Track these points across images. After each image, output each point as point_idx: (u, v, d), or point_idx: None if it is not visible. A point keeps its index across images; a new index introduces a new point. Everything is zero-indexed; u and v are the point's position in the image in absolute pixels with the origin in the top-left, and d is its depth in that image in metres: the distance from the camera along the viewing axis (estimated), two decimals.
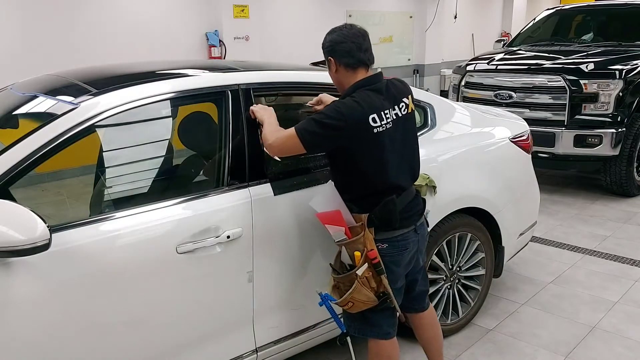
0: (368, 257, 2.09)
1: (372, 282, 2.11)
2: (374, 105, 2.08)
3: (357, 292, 2.09)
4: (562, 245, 4.44)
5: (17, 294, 1.78)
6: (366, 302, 2.13)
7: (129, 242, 1.99)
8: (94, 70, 2.66)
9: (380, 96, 2.12)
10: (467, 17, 12.49)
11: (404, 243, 2.20)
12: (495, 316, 3.35)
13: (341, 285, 2.17)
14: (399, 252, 2.19)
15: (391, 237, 2.17)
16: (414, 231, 2.25)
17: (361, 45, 2.15)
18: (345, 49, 2.14)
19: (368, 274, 2.10)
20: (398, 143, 2.15)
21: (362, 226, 2.10)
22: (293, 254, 2.40)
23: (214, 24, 7.42)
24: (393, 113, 2.13)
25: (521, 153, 3.32)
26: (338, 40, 2.16)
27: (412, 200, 2.25)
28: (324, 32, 2.30)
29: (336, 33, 2.19)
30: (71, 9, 6.10)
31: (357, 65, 2.15)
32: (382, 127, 2.08)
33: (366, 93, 2.10)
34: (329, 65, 2.22)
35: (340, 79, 2.20)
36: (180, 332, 2.15)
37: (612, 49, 5.93)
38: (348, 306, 2.14)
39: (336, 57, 2.16)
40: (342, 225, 2.11)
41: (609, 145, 5.26)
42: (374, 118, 2.06)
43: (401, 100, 2.19)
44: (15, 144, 1.90)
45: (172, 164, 2.84)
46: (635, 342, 3.07)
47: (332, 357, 2.94)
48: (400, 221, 2.17)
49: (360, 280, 2.08)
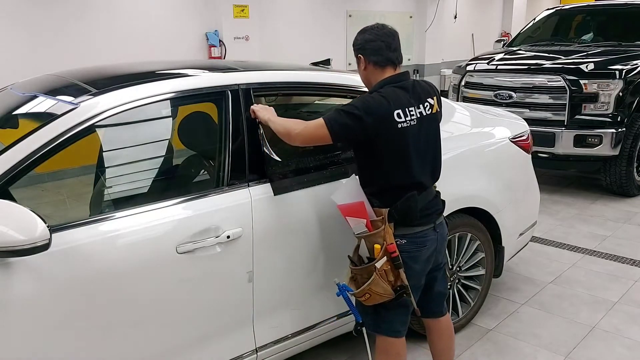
0: (387, 251, 2.13)
1: (390, 275, 2.14)
2: (399, 101, 2.13)
3: (374, 284, 2.12)
4: (562, 245, 4.44)
5: (17, 294, 1.78)
6: (382, 295, 2.15)
7: (129, 242, 2.00)
8: (94, 70, 2.66)
9: (406, 94, 2.18)
10: (467, 17, 12.49)
11: (423, 240, 2.23)
12: (495, 316, 3.35)
13: (358, 278, 2.20)
14: (417, 248, 2.22)
15: (410, 233, 2.21)
16: (433, 229, 2.28)
17: (390, 44, 2.22)
18: (375, 48, 2.20)
19: (387, 267, 2.13)
20: (421, 142, 2.20)
21: (382, 220, 2.15)
22: (293, 253, 2.40)
23: (214, 24, 7.42)
24: (417, 111, 2.18)
25: (521, 153, 3.32)
26: (369, 39, 2.23)
27: (432, 200, 2.29)
28: (324, 32, 2.32)
29: (367, 32, 2.26)
30: (71, 9, 6.10)
31: (386, 64, 2.21)
32: (406, 124, 2.13)
33: (392, 89, 2.16)
34: (358, 62, 2.28)
35: (368, 77, 2.27)
36: (180, 332, 2.16)
37: (612, 49, 5.93)
38: (365, 298, 2.17)
39: (366, 55, 2.23)
40: (364, 217, 2.16)
41: (609, 145, 5.26)
42: (398, 113, 2.11)
43: (426, 99, 2.24)
44: (15, 144, 1.90)
45: (172, 164, 2.84)
46: (635, 342, 3.07)
47: (332, 357, 2.94)
48: (420, 218, 2.22)
49: (379, 272, 2.11)
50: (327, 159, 2.55)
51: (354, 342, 3.00)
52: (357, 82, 2.78)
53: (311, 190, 2.43)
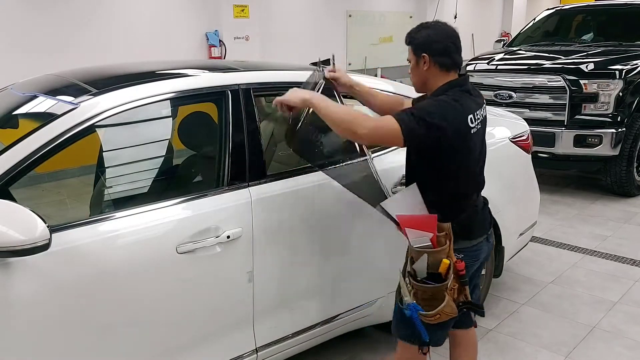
0: (456, 268, 1.99)
1: (455, 292, 2.02)
2: (470, 106, 2.01)
3: (447, 305, 1.97)
4: (562, 245, 4.44)
5: (17, 294, 1.78)
6: (449, 314, 2.00)
7: (129, 242, 1.99)
8: (94, 70, 2.65)
9: (473, 97, 2.06)
10: (467, 17, 12.49)
11: (477, 253, 2.15)
12: (495, 316, 3.35)
13: (419, 294, 2.01)
14: (471, 262, 2.12)
15: (469, 247, 2.11)
16: (486, 240, 2.20)
17: (458, 47, 2.06)
18: (443, 48, 2.02)
19: (454, 286, 2.01)
20: (481, 147, 2.12)
21: (446, 236, 1.99)
22: (293, 254, 2.40)
23: (214, 24, 7.42)
24: (481, 114, 2.08)
25: (521, 153, 3.32)
26: (436, 38, 2.03)
27: (484, 208, 2.21)
28: (324, 32, 2.29)
29: (432, 29, 2.05)
30: (70, 8, 6.10)
31: (452, 67, 2.05)
32: (475, 129, 2.01)
33: (460, 93, 2.02)
34: (417, 60, 2.06)
35: (427, 78, 2.07)
36: (180, 332, 2.15)
37: (612, 49, 5.93)
38: (435, 318, 1.99)
39: (431, 54, 2.03)
40: (432, 231, 1.97)
41: (609, 145, 5.26)
42: (471, 119, 1.99)
43: (484, 103, 2.14)
44: (15, 144, 1.90)
45: (172, 164, 2.84)
46: (636, 342, 3.07)
47: (332, 357, 2.94)
48: (479, 230, 2.14)
49: (449, 292, 1.98)
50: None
51: (354, 343, 3.00)
52: None
53: (311, 190, 2.42)
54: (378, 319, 2.82)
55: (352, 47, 9.61)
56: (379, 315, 2.78)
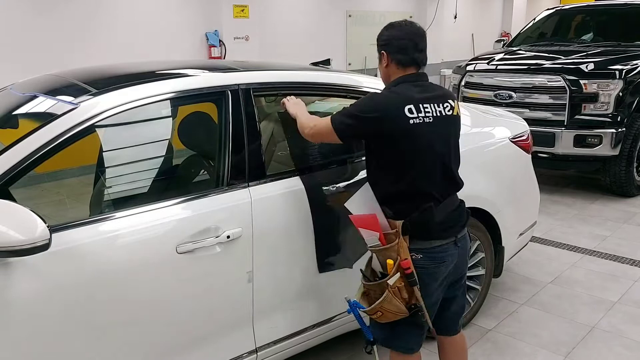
0: (401, 267, 1.97)
1: (403, 292, 1.99)
2: (411, 96, 2.03)
3: (387, 302, 1.97)
4: (562, 245, 4.44)
5: (17, 294, 1.78)
6: (396, 313, 2.01)
7: (129, 242, 2.00)
8: (94, 70, 2.66)
9: (422, 90, 2.07)
10: (467, 17, 12.49)
11: (442, 255, 2.07)
12: (495, 316, 3.35)
13: (371, 293, 2.06)
14: (435, 264, 2.06)
15: (428, 248, 2.05)
16: (454, 244, 2.11)
17: (418, 44, 2.11)
18: (401, 46, 2.10)
19: (400, 284, 1.98)
20: (438, 143, 2.06)
21: (396, 233, 1.99)
22: (293, 253, 2.40)
23: (214, 24, 7.42)
24: (435, 109, 2.05)
25: (521, 153, 3.32)
26: (396, 35, 2.12)
27: (453, 210, 2.13)
28: (324, 32, 2.31)
29: (395, 28, 2.15)
30: (70, 8, 6.10)
31: (409, 64, 2.12)
32: (419, 120, 2.00)
33: (406, 86, 2.08)
34: (380, 58, 2.18)
35: (389, 74, 2.17)
36: (180, 332, 2.16)
37: (612, 49, 5.93)
38: (377, 315, 2.04)
39: (390, 52, 2.12)
40: (376, 230, 2.00)
41: (609, 145, 5.26)
42: (410, 109, 1.99)
43: (447, 100, 2.11)
44: (15, 144, 1.90)
45: (172, 164, 2.84)
46: (635, 342, 3.07)
47: (332, 357, 2.94)
48: (439, 232, 2.06)
49: (392, 290, 1.96)
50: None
51: (354, 343, 3.00)
52: (357, 82, 2.79)
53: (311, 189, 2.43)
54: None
55: (352, 47, 9.60)
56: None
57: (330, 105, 2.96)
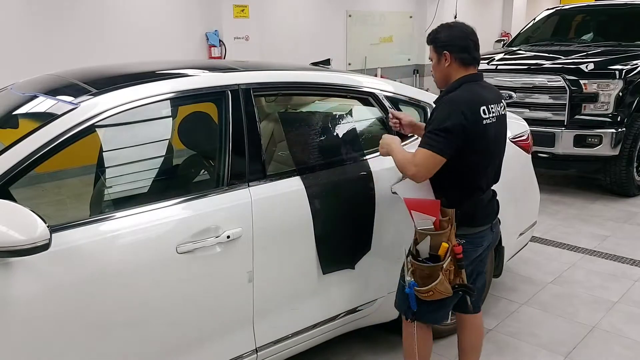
0: (453, 252, 2.16)
1: (451, 274, 2.18)
2: (483, 97, 2.16)
3: (440, 284, 2.14)
4: (562, 245, 4.44)
5: (17, 294, 1.78)
6: (443, 293, 2.18)
7: (129, 242, 2.00)
8: (94, 70, 2.65)
9: (487, 91, 2.21)
10: (467, 17, 12.45)
11: (480, 240, 2.29)
12: (495, 316, 3.35)
13: (417, 272, 2.20)
14: (474, 248, 2.28)
15: (472, 234, 2.26)
16: (490, 229, 2.34)
17: (477, 44, 2.23)
18: (464, 45, 2.20)
19: (451, 267, 2.17)
20: (495, 141, 2.23)
21: (449, 220, 2.16)
22: (293, 253, 2.40)
23: (214, 24, 7.41)
24: (497, 110, 2.20)
25: (521, 153, 3.32)
26: (458, 35, 2.21)
27: (491, 199, 2.36)
28: (324, 32, 2.31)
29: (454, 29, 2.23)
30: (70, 8, 6.10)
31: (471, 63, 2.22)
32: (489, 120, 2.14)
33: (474, 86, 2.19)
34: (439, 58, 2.23)
35: (449, 73, 2.23)
36: (180, 332, 2.15)
37: (612, 49, 5.93)
38: (428, 294, 2.18)
39: (453, 51, 2.20)
40: (435, 215, 2.17)
41: (609, 145, 5.27)
42: (484, 110, 2.13)
43: (501, 100, 2.27)
44: (15, 144, 1.90)
45: (172, 164, 2.84)
46: (635, 342, 3.07)
47: (332, 357, 2.94)
48: (482, 219, 2.28)
49: (444, 272, 2.14)
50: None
51: (354, 343, 3.00)
52: (357, 82, 2.79)
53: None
54: (378, 319, 2.82)
55: (352, 47, 9.60)
56: (378, 315, 2.78)
57: (330, 105, 2.96)
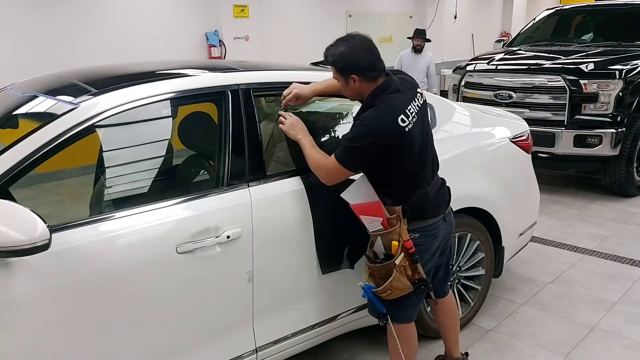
0: (404, 247, 2.20)
1: (407, 270, 2.22)
2: (398, 106, 2.15)
3: (396, 281, 2.19)
4: (562, 245, 4.44)
5: (17, 294, 1.78)
6: (403, 289, 2.23)
7: (129, 242, 2.00)
8: (94, 70, 2.65)
9: (401, 94, 2.19)
10: (467, 17, 12.48)
11: (435, 232, 2.33)
12: (494, 316, 3.35)
13: (376, 274, 2.26)
14: (429, 240, 2.32)
15: (423, 227, 2.30)
16: (443, 219, 2.37)
17: (377, 55, 2.19)
18: (370, 64, 2.16)
19: (405, 263, 2.21)
20: (423, 134, 2.25)
21: (397, 217, 2.20)
22: (293, 253, 2.40)
23: (214, 24, 7.42)
24: (414, 107, 2.21)
25: (521, 153, 3.32)
26: (360, 56, 2.15)
27: (439, 190, 2.37)
28: (324, 32, 2.32)
29: (354, 48, 2.15)
30: (70, 8, 6.10)
31: (379, 75, 2.20)
32: (411, 124, 2.15)
33: (387, 97, 2.17)
34: (348, 81, 2.19)
35: (361, 91, 2.22)
36: (180, 332, 2.16)
37: (612, 49, 5.93)
38: (386, 294, 2.23)
39: (360, 74, 2.16)
40: (380, 215, 2.20)
41: (609, 145, 5.27)
42: (402, 119, 2.13)
43: (416, 91, 2.27)
44: (15, 144, 1.90)
45: (172, 164, 2.84)
46: (635, 342, 3.07)
47: (331, 357, 2.94)
48: (431, 211, 2.31)
49: (398, 269, 2.18)
50: None
51: (354, 343, 3.00)
52: None
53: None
54: None
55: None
56: None
57: (330, 105, 2.96)
